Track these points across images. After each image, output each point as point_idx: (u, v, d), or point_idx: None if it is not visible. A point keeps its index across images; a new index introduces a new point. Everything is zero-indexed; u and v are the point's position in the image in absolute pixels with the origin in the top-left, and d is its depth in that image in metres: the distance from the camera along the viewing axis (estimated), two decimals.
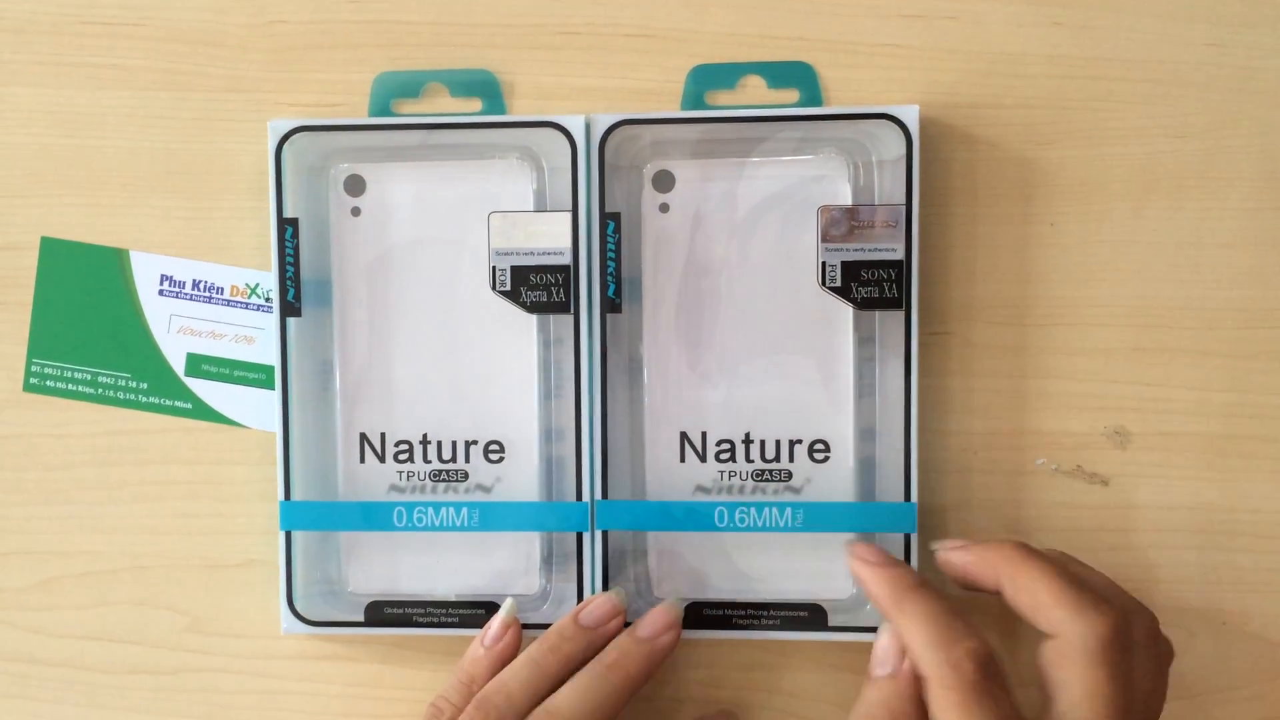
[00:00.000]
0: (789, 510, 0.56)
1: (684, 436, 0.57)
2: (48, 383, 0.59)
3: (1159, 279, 0.56)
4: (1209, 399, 0.56)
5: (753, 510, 0.56)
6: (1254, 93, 0.56)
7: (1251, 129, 0.56)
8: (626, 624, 0.55)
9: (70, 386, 0.59)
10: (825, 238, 0.55)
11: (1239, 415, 0.56)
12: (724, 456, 0.57)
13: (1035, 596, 0.48)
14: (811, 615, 0.56)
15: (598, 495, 0.56)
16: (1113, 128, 0.56)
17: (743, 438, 0.57)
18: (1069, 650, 0.47)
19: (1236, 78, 0.56)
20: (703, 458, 0.57)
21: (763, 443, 0.57)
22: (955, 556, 0.52)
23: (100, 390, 0.59)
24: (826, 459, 0.56)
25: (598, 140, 0.55)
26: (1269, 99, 0.56)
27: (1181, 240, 0.56)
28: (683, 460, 0.57)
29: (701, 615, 0.56)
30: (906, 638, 0.48)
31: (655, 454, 0.57)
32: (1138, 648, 0.48)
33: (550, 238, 0.55)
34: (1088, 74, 0.56)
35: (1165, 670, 0.51)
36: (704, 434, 0.57)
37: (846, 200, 0.56)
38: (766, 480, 0.57)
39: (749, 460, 0.57)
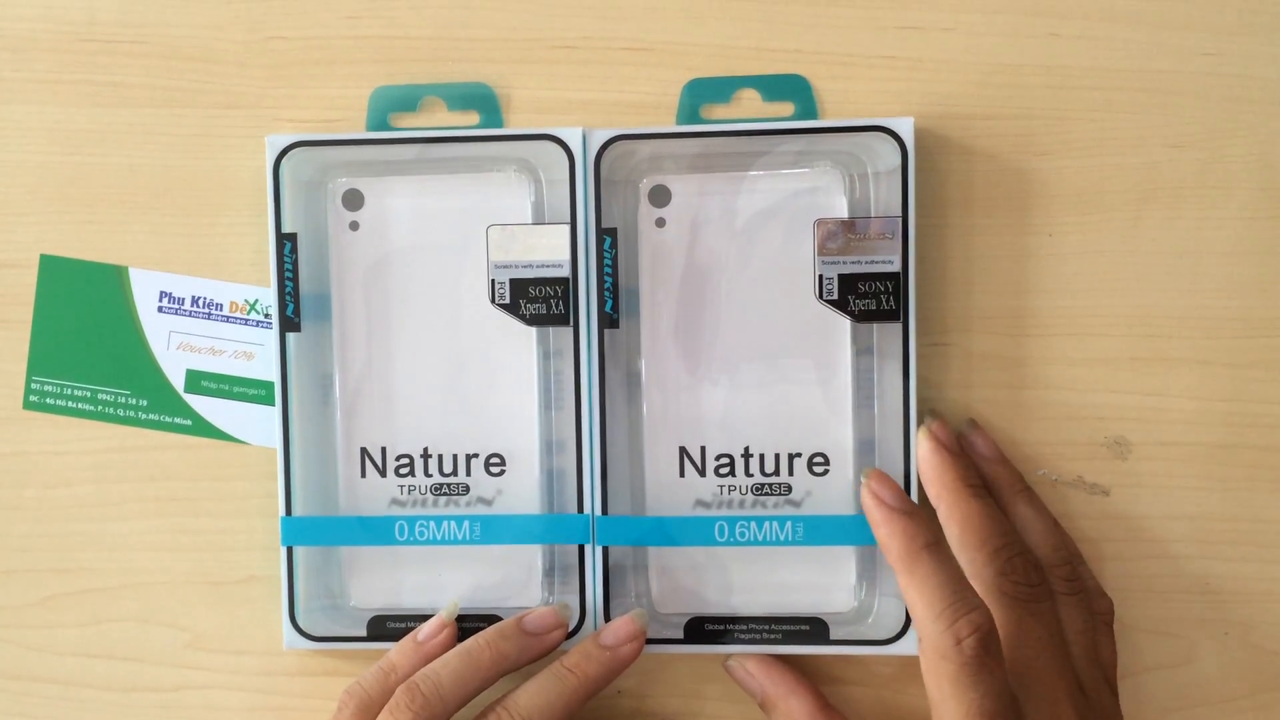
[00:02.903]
0: (789, 524, 0.56)
1: (683, 451, 0.57)
2: (47, 400, 0.59)
3: (1158, 288, 0.56)
4: (1209, 408, 0.56)
5: (753, 524, 0.56)
6: (1251, 102, 0.56)
7: (1249, 138, 0.56)
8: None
9: (70, 404, 0.59)
10: (821, 250, 0.55)
11: (1239, 424, 0.56)
12: (723, 471, 0.57)
13: (963, 539, 0.52)
14: (813, 629, 0.56)
15: (598, 509, 0.56)
16: (1110, 138, 0.56)
17: (742, 451, 0.57)
18: (989, 596, 0.51)
19: (1233, 87, 0.56)
20: (702, 472, 0.57)
21: (762, 456, 0.56)
22: (874, 508, 0.52)
23: (100, 407, 0.59)
24: (826, 472, 0.56)
25: (593, 155, 0.55)
26: (1266, 108, 0.56)
27: (1180, 250, 0.56)
28: (682, 475, 0.57)
29: (703, 630, 0.56)
30: (910, 601, 0.49)
31: (655, 469, 0.57)
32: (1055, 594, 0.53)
33: (549, 250, 0.55)
34: (1085, 84, 0.56)
35: (1105, 628, 0.54)
36: (703, 448, 0.57)
37: (843, 212, 0.56)
38: (766, 494, 0.57)
39: (748, 474, 0.57)
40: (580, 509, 0.56)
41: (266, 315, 0.58)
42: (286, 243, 0.56)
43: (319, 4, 0.58)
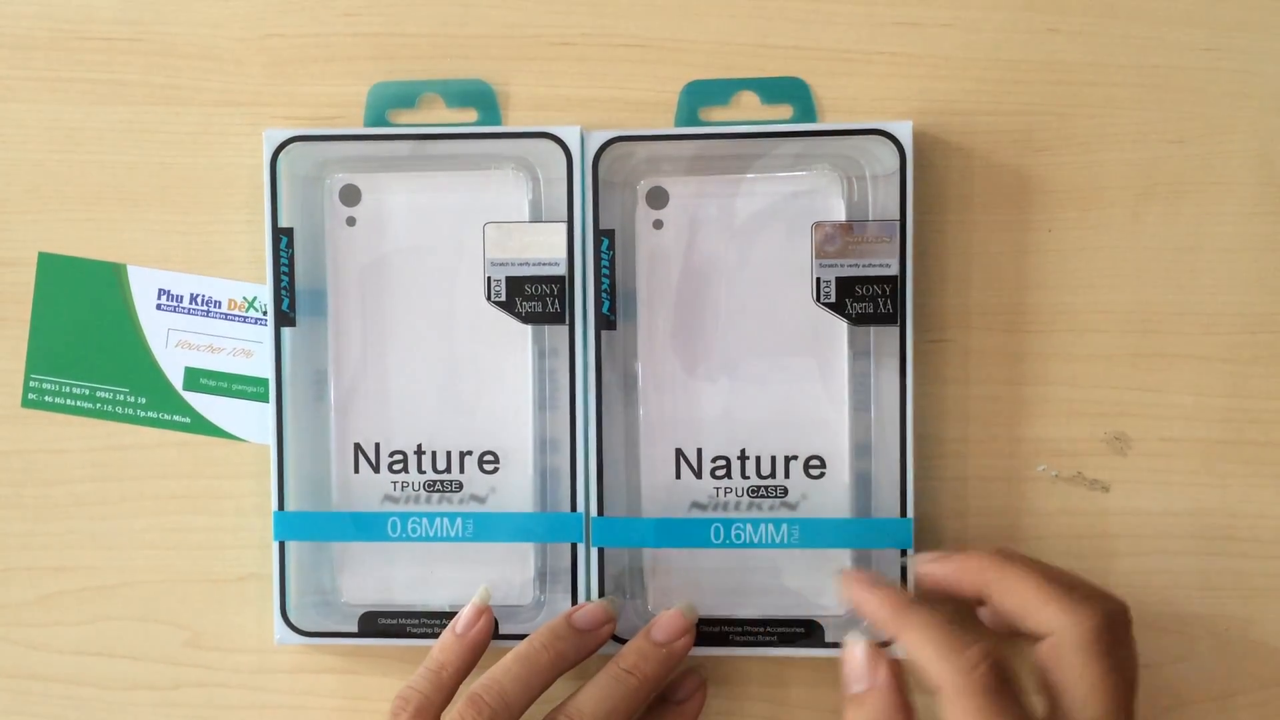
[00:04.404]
0: (785, 526, 0.56)
1: (679, 453, 0.57)
2: (46, 398, 0.59)
3: (1157, 284, 0.56)
4: (1208, 404, 0.56)
5: (748, 526, 0.56)
6: (1251, 97, 0.55)
7: (1249, 133, 0.55)
8: (619, 638, 0.55)
9: (68, 402, 0.59)
10: (819, 253, 0.55)
11: (1239, 420, 0.56)
12: (719, 473, 0.56)
13: (1023, 597, 0.48)
14: (808, 631, 0.56)
15: (593, 509, 0.56)
16: (1110, 133, 0.56)
17: (738, 454, 0.56)
18: (1066, 647, 0.47)
19: (1233, 82, 0.55)
20: (698, 474, 0.57)
21: (758, 459, 0.56)
22: (935, 568, 0.52)
23: (98, 405, 0.59)
24: (822, 474, 0.56)
25: (591, 157, 0.55)
26: (1266, 103, 0.55)
27: (1180, 245, 0.56)
28: (678, 477, 0.57)
29: (698, 632, 0.56)
30: (914, 651, 0.48)
31: (651, 470, 0.57)
32: (1125, 640, 0.48)
33: (545, 248, 0.55)
34: (1084, 80, 0.56)
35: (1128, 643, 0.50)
36: (699, 450, 0.57)
37: (840, 215, 0.55)
38: (762, 496, 0.56)
39: (744, 476, 0.56)
40: (574, 508, 0.56)
41: (265, 312, 0.58)
42: (283, 237, 0.56)
43: (316, 1, 0.58)
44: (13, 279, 0.59)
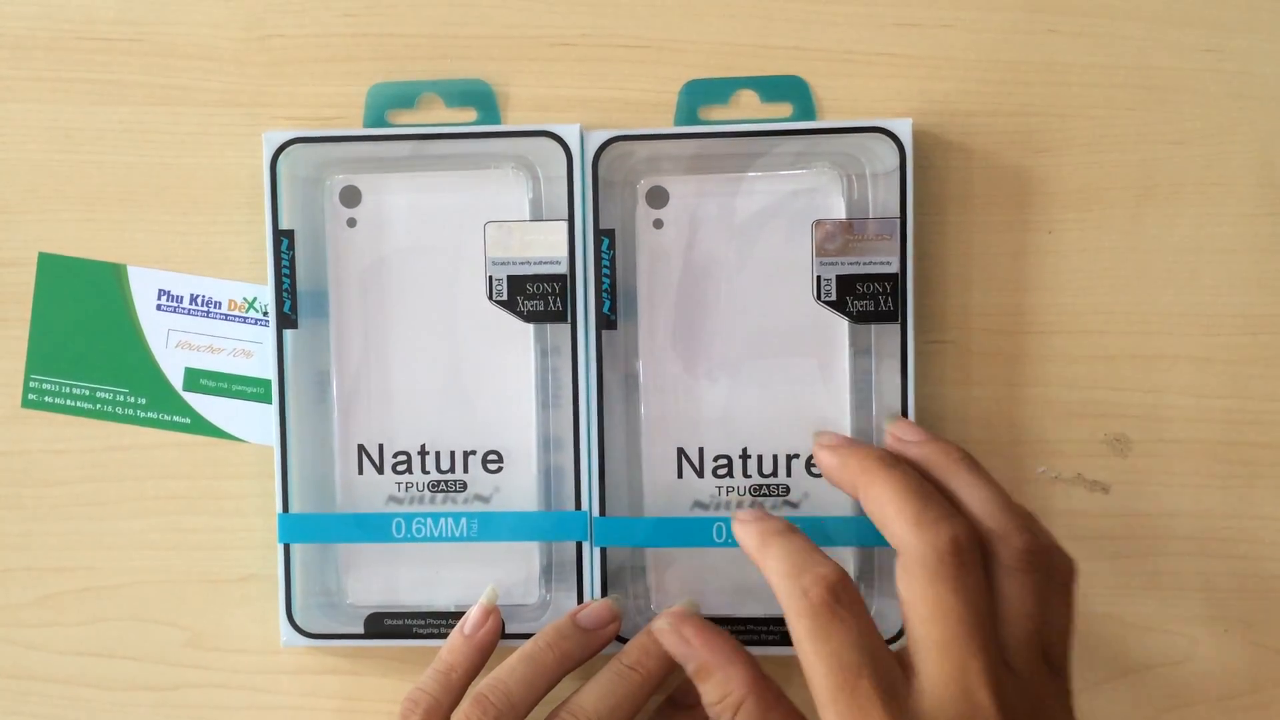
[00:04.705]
0: None
1: (681, 452, 0.57)
2: (46, 398, 0.59)
3: (1158, 285, 0.56)
4: (1209, 405, 0.56)
5: None
6: (1251, 98, 0.56)
7: (1249, 134, 0.56)
8: (621, 638, 0.55)
9: (68, 402, 0.59)
10: (820, 251, 0.55)
11: (1239, 421, 0.56)
12: (721, 472, 0.56)
13: (882, 510, 0.47)
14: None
15: (596, 508, 0.56)
16: (1110, 134, 0.56)
17: (740, 453, 0.56)
18: (910, 566, 0.46)
19: (1233, 83, 0.56)
20: (700, 473, 0.57)
21: (760, 457, 0.56)
22: (824, 456, 0.51)
23: (98, 406, 0.59)
24: None
25: (591, 156, 0.55)
26: (1266, 104, 0.55)
27: (1180, 246, 0.56)
28: (680, 476, 0.57)
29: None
30: (769, 577, 0.48)
31: (652, 470, 0.57)
32: (997, 565, 0.47)
33: (546, 247, 0.55)
34: (1084, 81, 0.56)
35: (1061, 592, 0.48)
36: (701, 449, 0.57)
37: (840, 213, 0.56)
38: (764, 495, 0.56)
39: (746, 475, 0.56)
40: (578, 506, 0.56)
41: (265, 313, 0.58)
42: (283, 239, 0.56)
43: (317, 2, 0.58)
44: (13, 279, 0.59)
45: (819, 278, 0.55)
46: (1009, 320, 0.56)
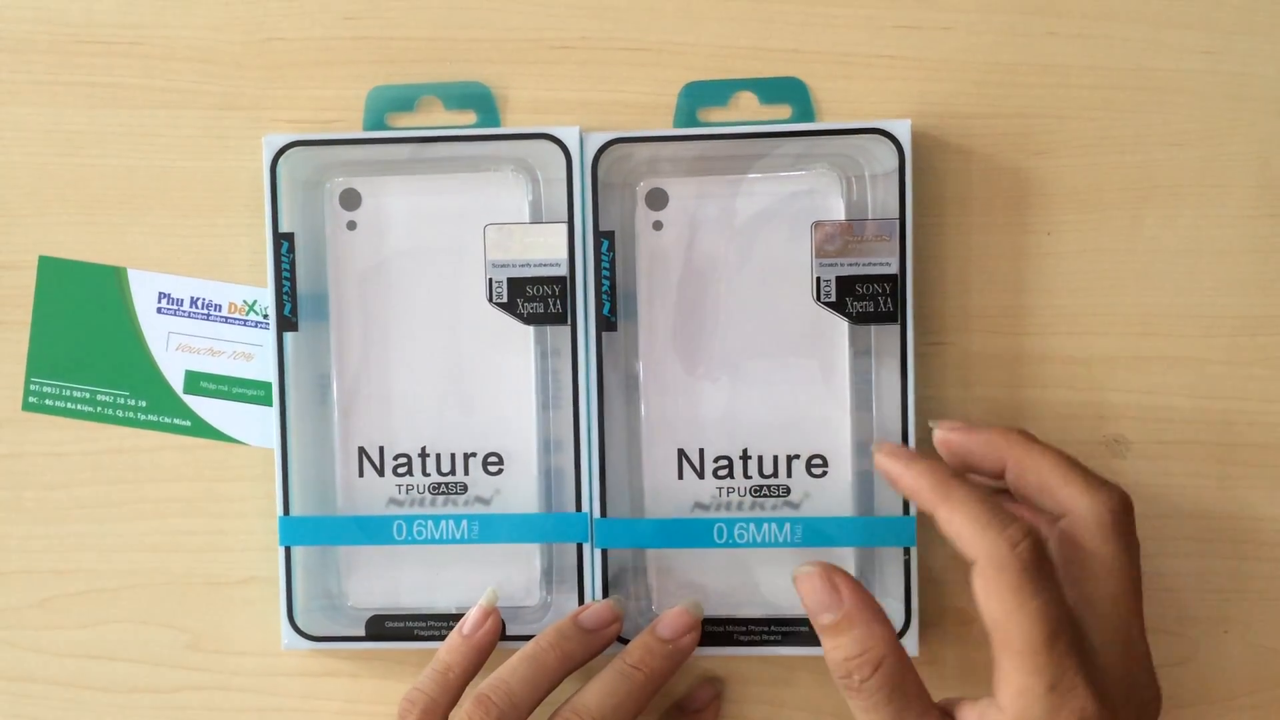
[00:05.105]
0: (787, 526, 0.56)
1: (681, 453, 0.57)
2: (46, 401, 0.59)
3: (1156, 287, 0.56)
4: (1207, 407, 0.56)
5: (751, 526, 0.56)
6: (1249, 100, 0.56)
7: (1247, 136, 0.56)
8: (622, 639, 0.55)
9: (69, 405, 0.59)
10: (819, 253, 0.55)
11: (1238, 423, 0.56)
12: (722, 473, 0.57)
13: (1042, 476, 0.48)
14: (813, 630, 0.55)
15: (596, 510, 0.56)
16: (1108, 136, 0.56)
17: (740, 454, 0.56)
18: (1086, 526, 0.47)
19: (1232, 85, 0.56)
20: (701, 474, 0.57)
21: (760, 458, 0.56)
22: (955, 437, 0.51)
23: (99, 408, 0.59)
24: (825, 474, 0.56)
25: (590, 158, 0.55)
26: (1264, 106, 0.56)
27: (1178, 248, 0.56)
28: (680, 477, 0.57)
29: (703, 631, 0.56)
30: (954, 524, 0.46)
31: (653, 471, 0.57)
32: (1133, 527, 0.48)
33: (546, 249, 0.56)
34: (1083, 83, 0.56)
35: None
36: (701, 450, 0.57)
37: (840, 214, 0.56)
38: (765, 496, 0.56)
39: (747, 476, 0.56)
40: (579, 508, 0.56)
41: (265, 316, 0.58)
42: (284, 242, 0.56)
43: (317, 4, 0.58)
44: (13, 282, 0.59)
45: (819, 279, 0.55)
46: (1008, 322, 0.56)
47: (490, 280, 0.56)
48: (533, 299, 0.56)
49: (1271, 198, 0.56)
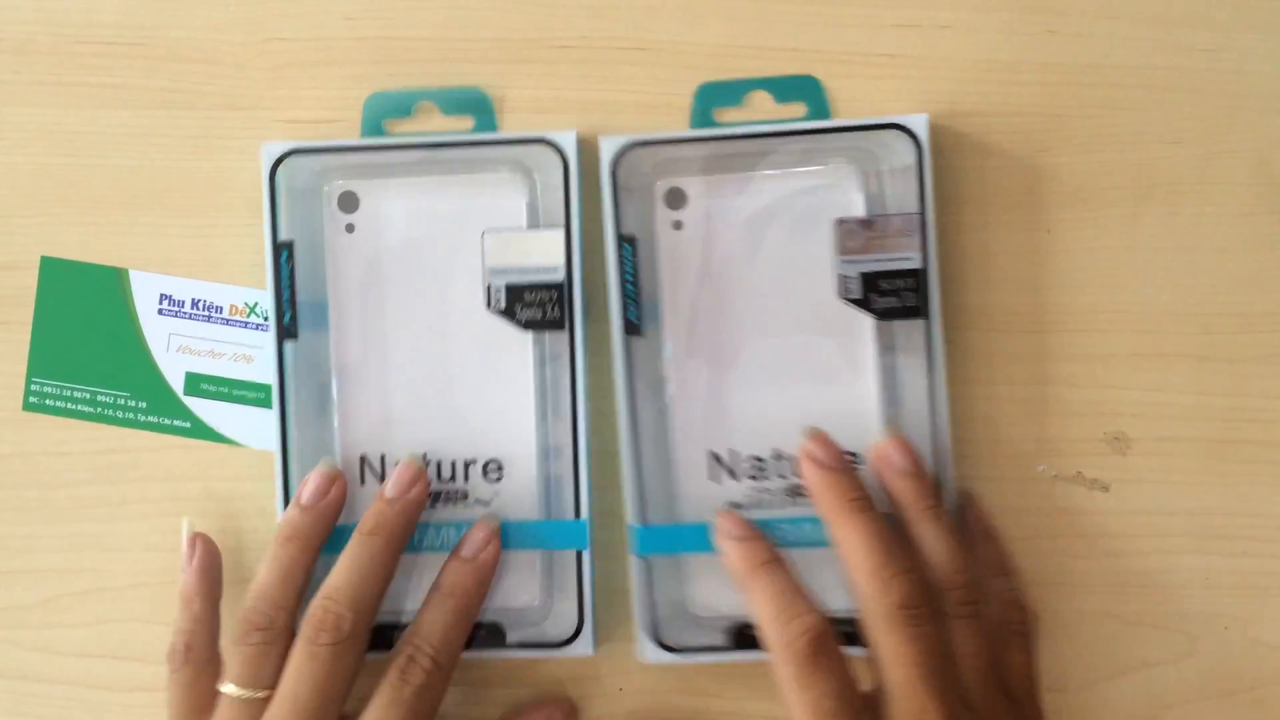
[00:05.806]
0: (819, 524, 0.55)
1: (713, 455, 0.56)
2: (47, 401, 0.59)
3: (1156, 284, 0.56)
4: (1208, 403, 0.56)
5: (786, 526, 0.55)
6: (1248, 97, 0.56)
7: (1246, 133, 0.56)
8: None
9: (70, 405, 0.59)
10: (842, 250, 0.55)
11: (1238, 419, 0.56)
12: (755, 474, 0.56)
13: (847, 559, 0.50)
14: (854, 630, 0.54)
15: (633, 516, 0.55)
16: (1108, 134, 0.56)
17: (772, 454, 0.56)
18: (869, 617, 0.49)
19: (1230, 83, 0.56)
20: (734, 476, 0.56)
21: (794, 458, 0.56)
22: (808, 471, 0.53)
23: (99, 409, 0.59)
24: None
25: (609, 163, 0.55)
26: (1263, 103, 0.56)
27: (1178, 245, 0.56)
28: (714, 479, 0.56)
29: (741, 636, 0.56)
30: (753, 611, 0.50)
31: (686, 475, 0.56)
32: (947, 613, 0.50)
33: (544, 255, 0.55)
34: (1082, 81, 0.56)
35: (1017, 636, 0.53)
36: (733, 452, 0.56)
37: (859, 208, 0.55)
38: (801, 495, 0.56)
39: (781, 477, 0.56)
40: (577, 514, 0.56)
41: (266, 318, 0.58)
42: (283, 251, 0.56)
43: (318, 6, 0.58)
44: (14, 283, 0.59)
45: (843, 276, 0.55)
46: (1008, 319, 0.57)
47: (489, 287, 0.56)
48: (531, 305, 0.56)
49: (1270, 195, 0.56)
